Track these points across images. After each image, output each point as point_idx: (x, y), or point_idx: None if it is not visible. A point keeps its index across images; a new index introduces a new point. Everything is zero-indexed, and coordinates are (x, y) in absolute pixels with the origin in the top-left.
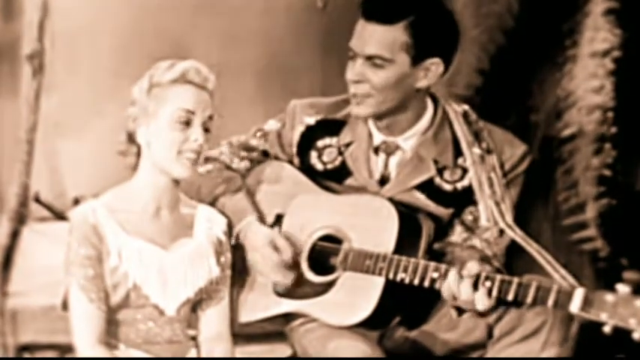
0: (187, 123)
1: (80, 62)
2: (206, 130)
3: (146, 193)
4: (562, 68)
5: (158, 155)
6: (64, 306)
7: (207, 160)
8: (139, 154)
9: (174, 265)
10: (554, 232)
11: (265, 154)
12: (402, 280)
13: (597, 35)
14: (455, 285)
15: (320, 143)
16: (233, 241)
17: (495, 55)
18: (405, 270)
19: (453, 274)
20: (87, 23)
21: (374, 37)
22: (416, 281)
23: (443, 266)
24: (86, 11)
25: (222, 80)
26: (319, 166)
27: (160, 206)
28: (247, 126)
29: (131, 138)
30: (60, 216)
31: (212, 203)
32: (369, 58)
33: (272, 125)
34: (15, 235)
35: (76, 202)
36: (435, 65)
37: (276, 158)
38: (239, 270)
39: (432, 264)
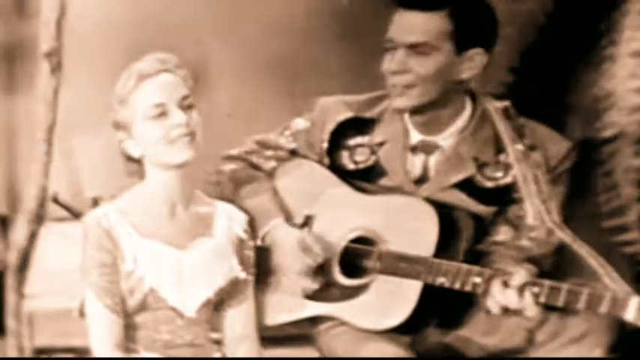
0: (162, 114)
1: (95, 60)
2: (187, 108)
3: (158, 192)
4: (599, 68)
5: (153, 155)
6: (81, 313)
7: (231, 158)
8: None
9: (192, 265)
10: (594, 234)
11: (293, 153)
12: (442, 284)
13: (636, 34)
14: (500, 292)
15: (351, 142)
16: (259, 243)
17: (527, 53)
18: (446, 274)
19: (497, 281)
20: (102, 20)
21: (416, 25)
22: (456, 286)
23: (486, 271)
24: (101, 8)
25: (240, 77)
26: (351, 166)
27: (174, 204)
28: (266, 124)
29: (129, 158)
30: (78, 216)
31: (235, 203)
32: (412, 47)
33: (301, 124)
34: (32, 237)
35: (95, 202)
36: (479, 55)
37: (305, 157)
38: (264, 271)
39: (475, 268)
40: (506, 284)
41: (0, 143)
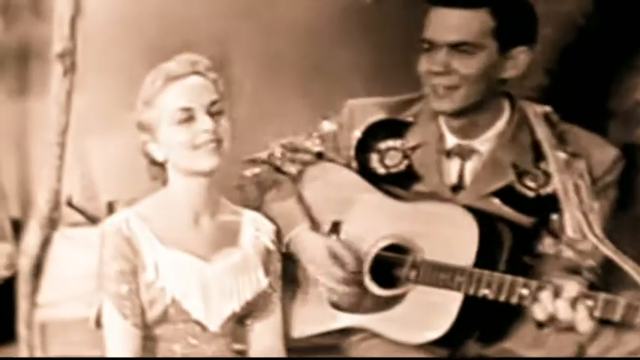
0: (189, 119)
1: (110, 61)
2: (216, 113)
3: (182, 199)
4: None
5: (178, 161)
6: (98, 323)
7: (255, 162)
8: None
9: (218, 277)
10: (636, 245)
11: (319, 157)
12: (485, 296)
13: None
14: (551, 305)
15: (382, 145)
16: (283, 250)
17: (565, 55)
18: (489, 285)
19: (547, 292)
20: (117, 20)
21: (458, 24)
22: (501, 298)
23: (534, 283)
24: (117, 8)
25: (263, 78)
26: (381, 170)
27: (199, 213)
28: (290, 127)
29: (152, 161)
30: (93, 221)
31: (260, 209)
32: (455, 47)
33: (328, 126)
34: (45, 243)
35: (110, 207)
36: (522, 54)
37: (331, 161)
38: (289, 281)
39: (521, 280)
40: (557, 296)
41: (13, 146)
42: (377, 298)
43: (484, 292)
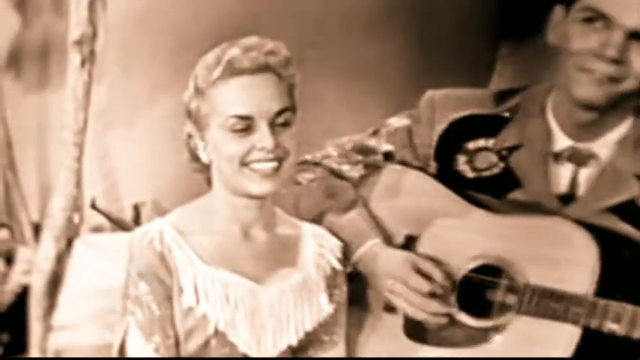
0: (246, 129)
1: (133, 53)
2: (282, 125)
3: (226, 210)
4: None
5: (223, 175)
6: (121, 351)
7: (308, 165)
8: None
9: (272, 303)
10: None
11: (388, 158)
12: (613, 331)
13: None
14: None
15: (471, 145)
16: (349, 269)
17: None
18: (618, 319)
19: None
20: (141, 11)
21: None
22: (636, 334)
23: None
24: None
25: (314, 75)
26: (470, 174)
27: (250, 225)
28: (350, 125)
29: (195, 156)
30: (119, 224)
31: (316, 222)
32: (635, 36)
33: (399, 122)
34: (60, 258)
35: (136, 209)
36: None
37: (403, 163)
38: (356, 307)
39: None
40: None
41: (32, 146)
42: (467, 329)
43: (611, 326)
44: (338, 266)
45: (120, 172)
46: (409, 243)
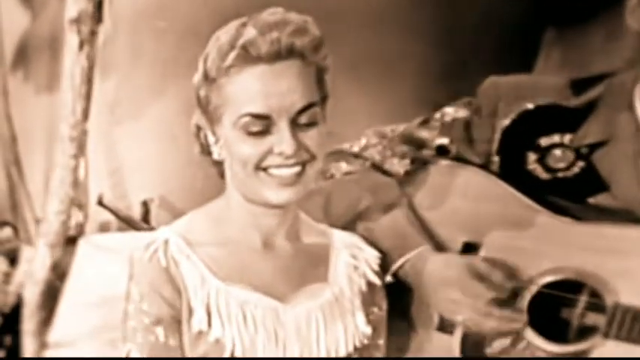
0: (263, 131)
1: (142, 45)
2: (306, 125)
3: (243, 217)
4: None
5: (236, 178)
6: None
7: (342, 156)
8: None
9: (300, 324)
10: None
11: (441, 152)
12: None
13: None
14: None
15: (543, 141)
16: (388, 279)
17: None
18: None
19: None
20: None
21: None
22: None
23: None
24: None
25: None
26: (542, 175)
27: (271, 234)
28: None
29: (206, 150)
30: (127, 222)
31: (350, 224)
32: None
33: (456, 112)
34: (56, 267)
35: (145, 206)
36: None
37: (459, 159)
38: (398, 324)
39: None
40: None
41: (38, 144)
42: (538, 352)
43: None
44: (376, 280)
45: (128, 167)
46: (468, 252)
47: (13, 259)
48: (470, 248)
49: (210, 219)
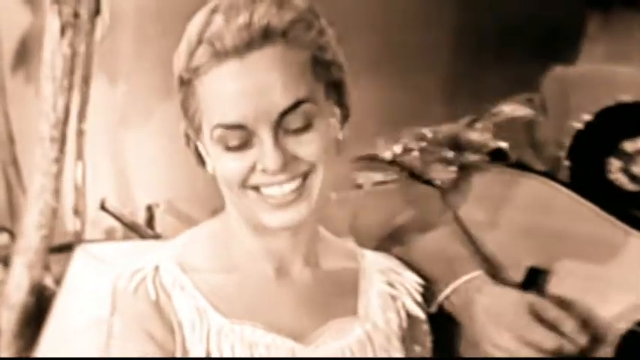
0: (243, 145)
1: (149, 46)
2: (298, 131)
3: (250, 239)
4: None
5: (227, 198)
6: None
7: (374, 163)
8: None
9: None
10: None
11: (498, 158)
12: None
13: None
14: None
15: (628, 145)
16: (433, 309)
17: None
18: None
19: None
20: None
21: None
22: None
23: None
24: None
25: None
26: (629, 186)
27: (286, 259)
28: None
29: (200, 161)
30: (132, 227)
31: (383, 245)
32: None
33: (515, 110)
34: (36, 289)
35: (149, 211)
36: None
37: (519, 166)
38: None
39: None
40: None
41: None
42: None
43: None
44: (418, 312)
45: (134, 171)
46: (533, 279)
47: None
48: (536, 275)
49: (212, 240)
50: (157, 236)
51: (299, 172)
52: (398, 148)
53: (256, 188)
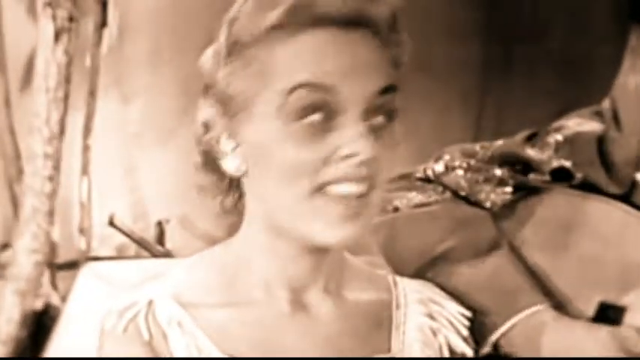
0: (324, 123)
1: (164, 63)
2: (381, 125)
3: (264, 265)
4: None
5: (271, 202)
6: None
7: (410, 182)
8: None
9: None
10: None
11: (560, 178)
12: None
13: None
14: None
15: None
16: (486, 349)
17: None
18: None
19: None
20: (169, 6)
21: None
22: None
23: None
24: None
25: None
26: None
27: (304, 289)
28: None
29: (211, 161)
30: (141, 244)
31: (427, 272)
32: None
33: (580, 124)
34: (28, 321)
35: (160, 227)
36: None
37: (586, 186)
38: None
39: None
40: None
41: None
42: None
43: None
44: (464, 348)
45: (147, 186)
46: (607, 315)
47: None
48: (609, 311)
49: (215, 270)
50: (167, 253)
51: (373, 172)
52: (439, 167)
53: (324, 190)
